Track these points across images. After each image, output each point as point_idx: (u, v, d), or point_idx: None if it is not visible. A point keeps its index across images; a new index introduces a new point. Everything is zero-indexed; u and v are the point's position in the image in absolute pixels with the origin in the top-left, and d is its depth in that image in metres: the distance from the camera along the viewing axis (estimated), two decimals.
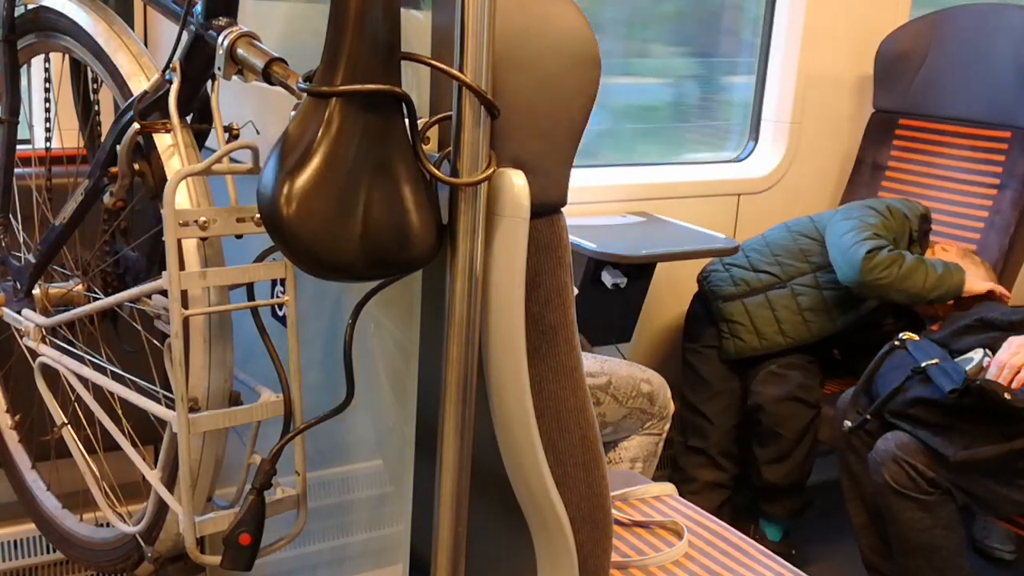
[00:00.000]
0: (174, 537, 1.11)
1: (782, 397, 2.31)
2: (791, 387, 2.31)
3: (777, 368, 2.33)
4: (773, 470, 2.34)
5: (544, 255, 0.94)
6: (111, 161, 1.08)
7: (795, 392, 2.31)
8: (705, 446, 2.40)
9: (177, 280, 0.92)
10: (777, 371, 2.33)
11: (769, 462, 2.34)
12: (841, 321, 2.38)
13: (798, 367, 2.35)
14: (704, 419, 2.40)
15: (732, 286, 2.41)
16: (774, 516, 2.43)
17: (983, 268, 2.33)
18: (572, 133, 0.93)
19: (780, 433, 2.31)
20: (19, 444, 1.46)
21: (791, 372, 2.33)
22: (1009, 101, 2.46)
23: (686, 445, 2.45)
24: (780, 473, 2.34)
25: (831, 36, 2.72)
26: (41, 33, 1.24)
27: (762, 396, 2.33)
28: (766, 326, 2.36)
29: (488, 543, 1.10)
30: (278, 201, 0.80)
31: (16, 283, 1.28)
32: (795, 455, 2.33)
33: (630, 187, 2.59)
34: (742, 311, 2.38)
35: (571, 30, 0.90)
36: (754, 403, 2.35)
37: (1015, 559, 2.53)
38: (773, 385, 2.32)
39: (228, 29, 0.94)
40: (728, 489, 2.42)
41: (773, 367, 2.34)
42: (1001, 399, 1.84)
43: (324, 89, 0.80)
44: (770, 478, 2.35)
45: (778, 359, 2.35)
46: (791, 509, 2.41)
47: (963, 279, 2.22)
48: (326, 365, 1.13)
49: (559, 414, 0.99)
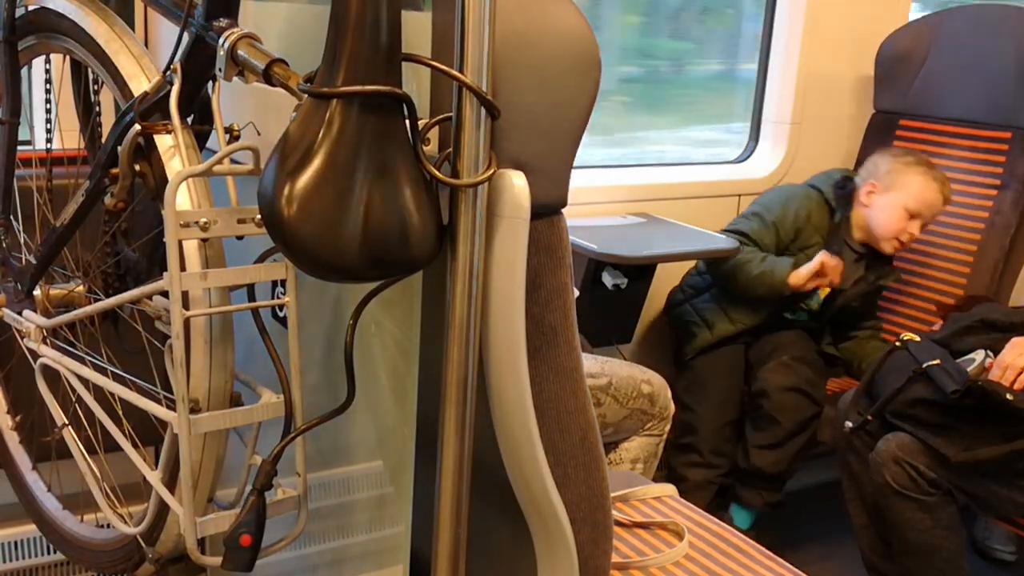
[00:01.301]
0: (175, 538, 1.11)
1: (789, 387, 2.30)
2: (799, 379, 2.31)
3: (789, 359, 2.34)
4: (762, 455, 2.33)
5: (544, 256, 0.94)
6: (112, 162, 1.08)
7: (802, 385, 2.31)
8: (696, 442, 2.38)
9: (178, 281, 0.92)
10: (788, 362, 2.33)
11: (761, 447, 2.33)
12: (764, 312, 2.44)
13: (809, 362, 2.36)
14: (696, 416, 2.39)
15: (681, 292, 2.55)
16: (748, 503, 2.41)
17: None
18: (572, 134, 0.93)
19: (779, 421, 2.30)
20: (20, 445, 1.46)
21: (801, 366, 2.33)
22: (1010, 101, 2.46)
23: (676, 443, 2.44)
24: (768, 459, 2.33)
25: (831, 37, 2.72)
26: (42, 34, 1.24)
27: (769, 383, 2.32)
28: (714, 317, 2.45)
29: (488, 544, 1.10)
30: (279, 202, 0.80)
31: (17, 284, 1.28)
32: (788, 446, 2.32)
33: (630, 188, 2.59)
34: (691, 311, 2.50)
35: (571, 31, 0.90)
36: (759, 388, 2.34)
37: (1016, 560, 2.53)
38: (782, 374, 2.32)
39: (229, 30, 0.94)
40: (716, 485, 2.40)
41: (785, 358, 2.34)
42: (1003, 400, 1.84)
43: (325, 90, 0.80)
44: (757, 462, 2.34)
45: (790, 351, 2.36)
46: (767, 500, 2.39)
47: (783, 278, 2.31)
48: (327, 366, 1.13)
49: (559, 415, 0.99)
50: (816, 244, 2.42)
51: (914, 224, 2.39)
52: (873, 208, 2.42)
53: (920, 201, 2.37)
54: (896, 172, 2.40)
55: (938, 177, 2.38)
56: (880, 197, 2.41)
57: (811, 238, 2.43)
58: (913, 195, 2.37)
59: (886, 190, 2.41)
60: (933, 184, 2.37)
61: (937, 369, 1.94)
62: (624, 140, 3.02)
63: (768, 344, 2.41)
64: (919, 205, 2.37)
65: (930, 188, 2.37)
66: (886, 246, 2.43)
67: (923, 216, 2.39)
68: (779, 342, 2.40)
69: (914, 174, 2.38)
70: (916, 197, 2.37)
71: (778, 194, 2.51)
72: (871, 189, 2.43)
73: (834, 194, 2.46)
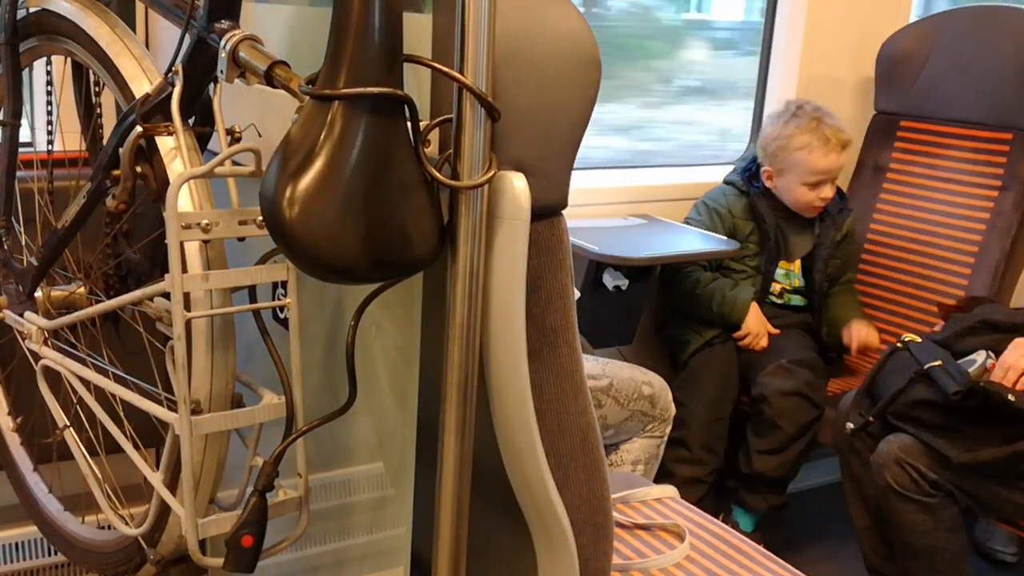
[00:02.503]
0: (176, 539, 1.11)
1: (789, 391, 2.30)
2: (799, 383, 2.31)
3: (787, 363, 2.33)
4: (765, 460, 2.33)
5: (545, 257, 0.94)
6: (113, 164, 1.08)
7: (803, 388, 2.30)
8: (685, 437, 2.36)
9: (180, 283, 0.92)
10: (787, 366, 2.33)
11: (763, 452, 2.33)
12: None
13: (808, 364, 2.35)
14: (688, 411, 2.37)
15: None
16: (752, 507, 2.41)
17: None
18: (573, 135, 0.93)
19: (780, 425, 2.30)
20: (21, 446, 1.46)
21: (801, 369, 2.33)
22: (1011, 103, 2.46)
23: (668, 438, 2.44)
24: (771, 464, 2.33)
25: (832, 38, 2.72)
26: (43, 36, 1.24)
27: (768, 388, 2.32)
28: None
29: (489, 545, 1.10)
30: (280, 204, 0.80)
31: (18, 286, 1.28)
32: (790, 451, 2.32)
33: (631, 189, 2.59)
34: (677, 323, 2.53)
35: (572, 32, 0.90)
36: (759, 393, 2.34)
37: (1017, 561, 2.53)
38: (781, 379, 2.32)
39: (231, 32, 0.94)
40: (706, 484, 2.39)
41: (783, 362, 2.34)
42: (1005, 401, 1.83)
43: (327, 92, 0.81)
44: (760, 468, 2.33)
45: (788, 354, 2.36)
46: (771, 504, 2.39)
47: (742, 316, 2.37)
48: (328, 367, 1.13)
49: (560, 416, 0.99)
50: (752, 231, 2.44)
51: (822, 189, 2.39)
52: (778, 189, 2.44)
53: (814, 172, 2.37)
54: (782, 152, 2.40)
55: (822, 137, 2.36)
56: (779, 179, 2.43)
57: (745, 227, 2.45)
58: (805, 171, 2.38)
59: (780, 173, 2.42)
60: (819, 150, 2.36)
61: (939, 370, 1.93)
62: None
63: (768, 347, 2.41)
64: (815, 176, 2.38)
65: (818, 157, 2.36)
66: (809, 214, 2.45)
67: (827, 178, 2.39)
68: (777, 345, 2.41)
69: (796, 150, 2.37)
70: (808, 171, 2.37)
71: (702, 205, 2.52)
72: (768, 174, 2.45)
73: (742, 180, 2.48)
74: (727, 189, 2.51)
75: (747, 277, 2.45)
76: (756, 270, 2.46)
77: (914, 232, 2.60)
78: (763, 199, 2.45)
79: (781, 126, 2.41)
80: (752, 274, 2.45)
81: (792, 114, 2.41)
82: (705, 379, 2.41)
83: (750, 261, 2.45)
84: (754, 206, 2.44)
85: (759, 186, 2.46)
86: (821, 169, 2.37)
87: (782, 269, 2.49)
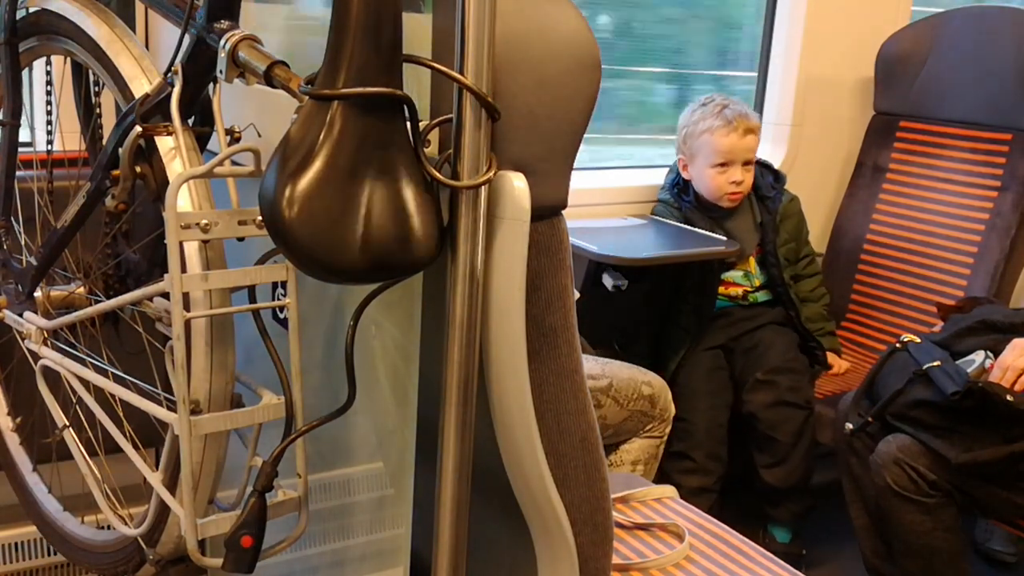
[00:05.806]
0: (176, 539, 1.11)
1: (772, 403, 2.32)
2: (779, 392, 2.33)
3: (762, 375, 2.35)
4: (773, 473, 2.35)
5: (545, 257, 0.94)
6: (113, 164, 1.08)
7: (784, 396, 2.32)
8: (689, 449, 2.36)
9: (179, 283, 0.92)
10: (762, 378, 2.35)
11: (768, 466, 2.35)
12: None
13: (784, 369, 2.36)
14: (688, 422, 2.37)
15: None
16: (780, 519, 2.43)
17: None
18: (572, 135, 0.93)
19: (775, 437, 2.32)
20: (20, 446, 1.46)
21: (777, 377, 2.34)
22: (1010, 103, 2.46)
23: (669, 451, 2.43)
24: (780, 476, 2.34)
25: (832, 38, 2.73)
26: (43, 36, 1.24)
27: (753, 404, 2.35)
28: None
29: (489, 546, 1.10)
30: (280, 204, 0.80)
31: (18, 286, 1.28)
32: (792, 458, 2.33)
33: (631, 189, 2.59)
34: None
35: (571, 32, 0.90)
36: (747, 411, 2.36)
37: (1016, 561, 2.52)
38: (762, 392, 2.34)
39: (230, 32, 0.94)
40: (714, 492, 2.39)
41: (758, 375, 2.35)
42: (1003, 401, 1.83)
43: (326, 92, 0.81)
44: (771, 481, 2.35)
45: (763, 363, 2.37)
46: (795, 512, 2.41)
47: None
48: (327, 367, 1.13)
49: (560, 416, 0.99)
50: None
51: (731, 173, 2.39)
52: (693, 179, 2.45)
53: (719, 153, 2.38)
54: (690, 138, 2.43)
55: (724, 119, 2.37)
56: (692, 168, 2.45)
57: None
58: (710, 151, 2.38)
59: (692, 160, 2.44)
60: (720, 130, 2.37)
61: (937, 370, 1.93)
62: None
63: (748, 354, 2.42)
64: (721, 156, 2.38)
65: (719, 137, 2.37)
66: (725, 204, 2.44)
67: (732, 159, 2.39)
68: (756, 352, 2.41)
69: (701, 133, 2.39)
70: (713, 151, 2.38)
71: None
72: (683, 163, 2.47)
73: (672, 197, 2.50)
74: (660, 208, 2.52)
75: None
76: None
77: (913, 232, 2.60)
78: (696, 211, 2.46)
79: (689, 114, 2.45)
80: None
81: (701, 104, 2.45)
82: (696, 389, 2.40)
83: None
84: (689, 220, 2.46)
85: (689, 200, 2.47)
86: (724, 148, 2.37)
87: (739, 271, 2.48)
